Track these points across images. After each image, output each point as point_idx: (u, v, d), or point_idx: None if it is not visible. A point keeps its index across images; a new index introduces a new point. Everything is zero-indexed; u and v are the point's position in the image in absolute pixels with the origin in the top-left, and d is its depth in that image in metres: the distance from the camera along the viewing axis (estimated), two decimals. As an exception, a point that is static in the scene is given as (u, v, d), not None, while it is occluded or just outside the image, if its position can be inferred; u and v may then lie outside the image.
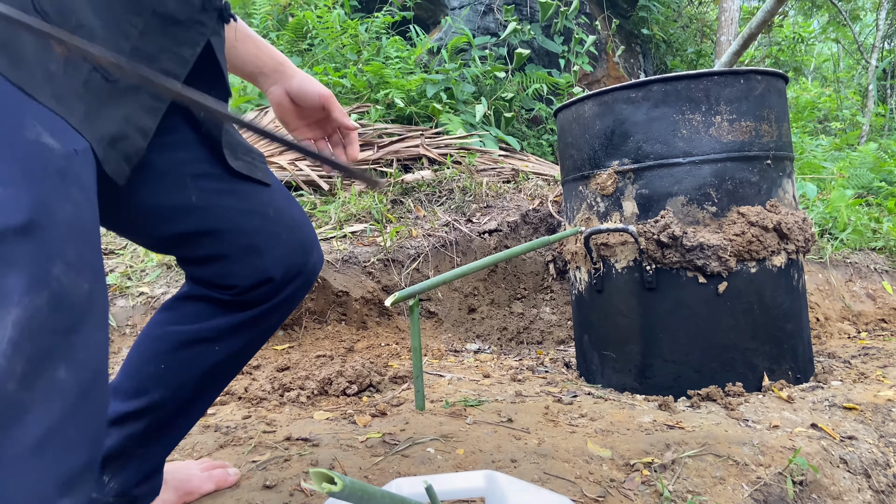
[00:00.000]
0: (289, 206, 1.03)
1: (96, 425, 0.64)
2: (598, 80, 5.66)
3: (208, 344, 1.00)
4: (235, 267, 0.97)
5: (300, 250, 1.03)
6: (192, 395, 1.02)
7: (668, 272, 1.84)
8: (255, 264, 0.98)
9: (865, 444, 1.56)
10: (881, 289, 2.96)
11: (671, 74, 1.82)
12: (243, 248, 0.96)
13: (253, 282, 0.98)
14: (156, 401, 0.99)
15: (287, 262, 1.00)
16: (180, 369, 1.00)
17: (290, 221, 1.02)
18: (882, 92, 9.89)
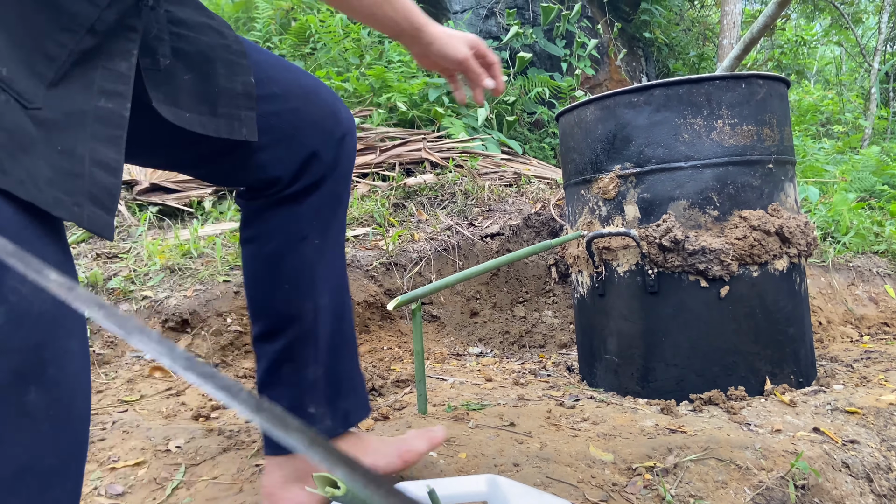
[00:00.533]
0: (294, 76, 0.99)
1: (79, 444, 0.59)
2: (600, 83, 5.67)
3: (303, 241, 1.02)
4: (270, 158, 0.95)
5: (327, 114, 1.00)
6: (328, 292, 1.06)
7: (671, 276, 1.84)
8: (289, 147, 0.96)
9: (867, 447, 1.56)
10: (884, 292, 2.96)
11: (673, 79, 1.82)
12: (270, 137, 0.94)
13: (296, 165, 0.97)
14: (306, 319, 1.03)
15: (320, 131, 0.99)
16: (300, 278, 1.02)
17: (302, 91, 0.98)
18: (885, 95, 9.89)
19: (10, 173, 0.56)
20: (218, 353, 2.12)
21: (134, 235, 2.71)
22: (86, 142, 0.65)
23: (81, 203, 0.63)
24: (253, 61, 0.92)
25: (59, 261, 0.60)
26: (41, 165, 0.59)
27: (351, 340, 1.14)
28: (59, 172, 0.61)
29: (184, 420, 1.66)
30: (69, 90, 0.64)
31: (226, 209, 3.01)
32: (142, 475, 1.34)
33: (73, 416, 0.58)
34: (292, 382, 1.06)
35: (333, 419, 1.10)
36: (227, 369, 2.07)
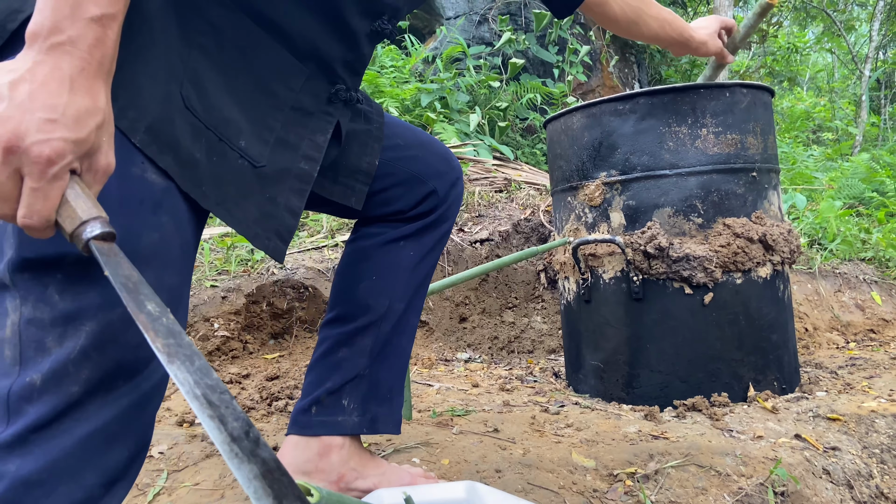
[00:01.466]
0: (412, 132, 1.20)
1: (145, 426, 0.73)
2: (592, 89, 5.69)
3: (401, 248, 1.17)
4: (393, 196, 1.15)
5: (441, 159, 1.20)
6: (403, 302, 1.18)
7: (655, 283, 1.86)
8: (410, 186, 1.15)
9: (849, 455, 1.57)
10: (870, 299, 2.98)
11: (658, 87, 1.84)
12: (394, 179, 1.14)
13: (415, 200, 1.16)
14: (378, 312, 1.16)
15: (436, 172, 1.18)
16: (387, 276, 1.16)
17: (419, 142, 1.19)
18: (875, 102, 9.95)
19: (235, 216, 0.81)
20: (205, 358, 2.12)
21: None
22: (284, 192, 0.88)
23: (271, 237, 0.86)
24: (385, 123, 1.14)
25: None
26: (252, 209, 0.83)
27: (404, 357, 1.23)
28: (263, 214, 0.85)
29: (168, 425, 1.66)
30: (283, 152, 0.88)
31: (216, 214, 3.01)
32: (124, 481, 1.34)
33: (148, 406, 0.74)
34: (342, 367, 1.16)
35: (361, 417, 1.18)
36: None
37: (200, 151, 0.77)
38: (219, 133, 0.80)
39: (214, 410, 0.45)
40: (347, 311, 1.18)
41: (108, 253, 0.57)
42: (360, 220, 1.21)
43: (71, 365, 0.64)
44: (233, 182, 0.81)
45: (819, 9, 9.85)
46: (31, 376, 0.63)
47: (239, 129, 0.82)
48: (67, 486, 0.64)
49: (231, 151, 0.81)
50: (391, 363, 1.20)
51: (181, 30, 0.77)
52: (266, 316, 2.34)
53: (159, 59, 0.73)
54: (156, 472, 1.38)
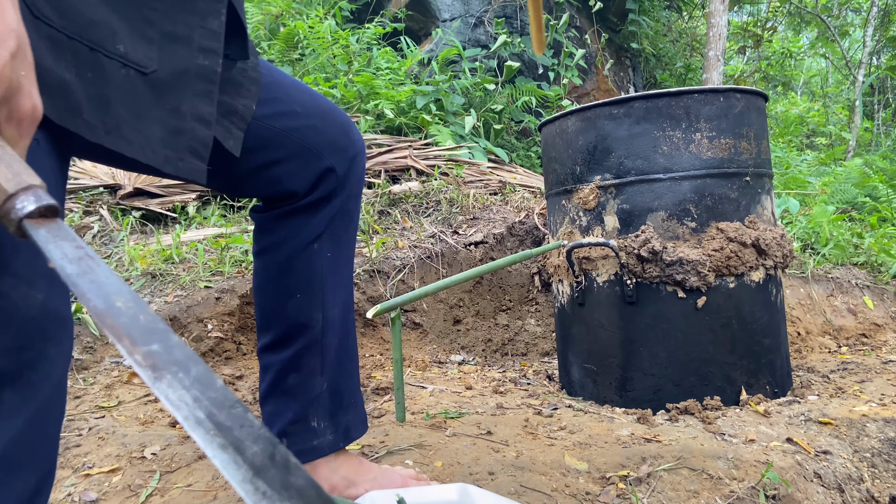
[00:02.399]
0: (311, 97, 1.05)
1: (48, 446, 0.61)
2: (587, 93, 5.70)
3: (316, 252, 1.05)
4: (288, 171, 1.00)
5: (341, 132, 1.06)
6: (337, 307, 1.09)
7: (649, 286, 1.86)
8: (307, 161, 1.01)
9: (840, 458, 1.58)
10: (862, 304, 2.99)
11: (652, 92, 1.85)
12: (289, 151, 0.99)
13: (311, 179, 1.02)
14: (316, 328, 1.07)
15: (336, 148, 1.04)
16: (312, 288, 1.06)
17: (319, 110, 1.04)
18: (868, 108, 10.00)
19: (134, 142, 0.68)
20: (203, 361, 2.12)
21: (116, 240, 2.70)
22: (188, 98, 0.74)
23: (184, 157, 0.74)
24: (276, 82, 1.00)
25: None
26: (155, 128, 0.70)
27: (354, 356, 1.17)
28: (169, 131, 0.72)
29: (161, 427, 1.66)
30: (175, 49, 0.73)
31: (209, 214, 3.01)
32: (116, 482, 1.34)
33: (47, 418, 0.60)
34: (298, 393, 1.08)
35: (335, 433, 1.13)
36: (207, 375, 2.06)
37: (69, 70, 0.62)
38: (87, 40, 0.64)
39: (226, 436, 0.33)
40: (284, 333, 1.07)
41: (50, 235, 0.43)
42: (257, 210, 1.07)
43: None
44: (121, 100, 0.66)
45: (813, 14, 9.90)
46: None
47: (112, 31, 0.66)
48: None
49: (109, 61, 0.65)
50: (345, 368, 1.14)
51: None
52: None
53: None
54: (148, 473, 1.38)
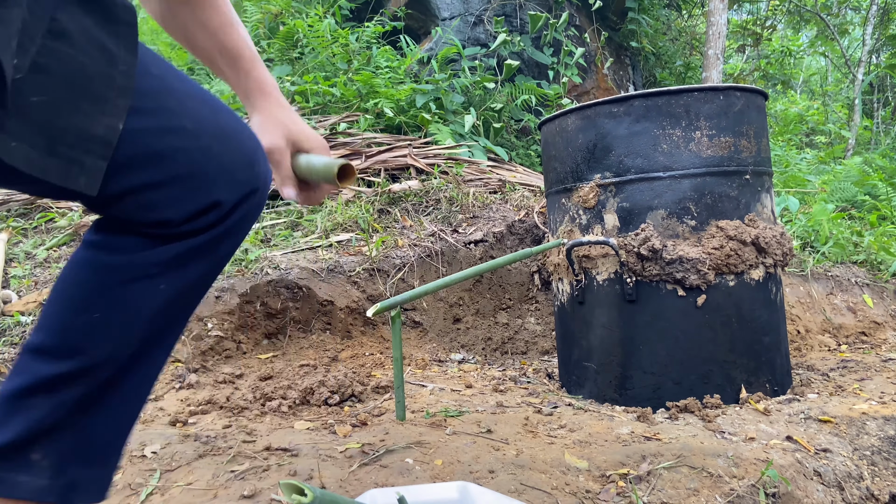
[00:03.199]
0: (213, 113, 0.84)
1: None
2: (587, 91, 5.70)
3: (150, 280, 0.82)
4: (165, 198, 0.79)
5: (242, 162, 0.84)
6: (137, 348, 0.84)
7: (648, 285, 1.86)
8: (189, 189, 0.80)
9: (840, 456, 1.58)
10: (862, 302, 2.99)
11: (652, 90, 1.85)
12: (169, 174, 0.79)
13: (192, 210, 0.81)
14: (94, 359, 0.81)
15: (230, 179, 0.83)
16: (120, 316, 0.82)
17: (219, 130, 0.83)
18: (868, 106, 10.00)
19: None
20: (198, 358, 2.12)
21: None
22: None
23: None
24: (167, 89, 0.80)
25: None
26: None
27: (133, 406, 0.89)
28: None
29: (160, 425, 1.66)
30: None
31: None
32: (116, 480, 1.34)
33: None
34: (32, 414, 0.81)
35: (52, 482, 0.82)
36: (208, 374, 2.07)
37: None
38: None
39: None
40: (53, 345, 0.82)
41: None
42: (106, 218, 0.83)
43: None
44: None
45: (813, 12, 9.89)
46: None
47: None
48: None
49: None
50: (111, 417, 0.86)
51: None
52: (260, 316, 2.34)
53: None
54: (148, 471, 1.38)
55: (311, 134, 1.01)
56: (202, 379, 2.02)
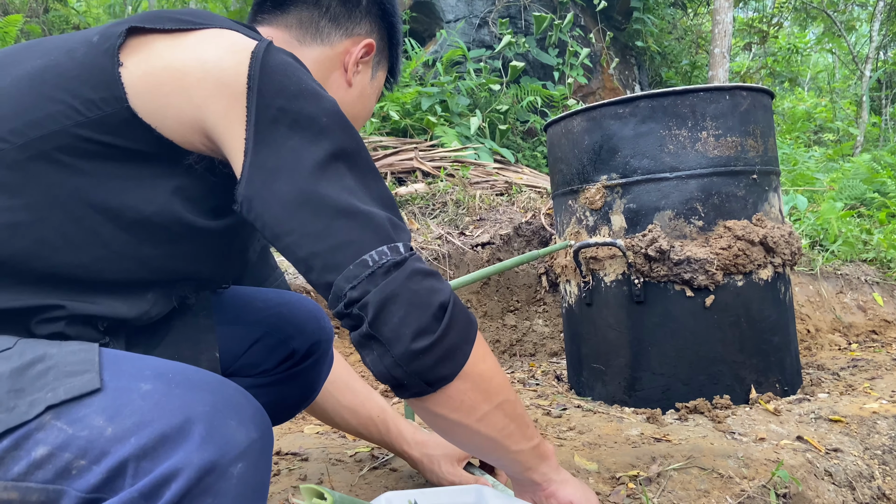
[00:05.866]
0: (277, 294, 1.09)
1: None
2: (593, 92, 5.70)
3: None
4: (256, 357, 1.04)
5: (310, 319, 1.07)
6: None
7: (656, 286, 1.86)
8: (272, 344, 1.04)
9: (850, 456, 1.57)
10: (872, 300, 2.98)
11: (658, 91, 1.85)
12: (254, 336, 1.04)
13: (277, 360, 1.04)
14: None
15: (303, 332, 1.05)
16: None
17: (285, 299, 1.07)
18: (876, 103, 9.95)
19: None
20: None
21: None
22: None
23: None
24: (231, 294, 1.04)
25: None
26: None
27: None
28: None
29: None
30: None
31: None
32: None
33: None
34: None
35: None
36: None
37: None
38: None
39: None
40: None
41: None
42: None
43: None
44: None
45: (819, 9, 9.85)
46: None
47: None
48: None
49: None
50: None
51: None
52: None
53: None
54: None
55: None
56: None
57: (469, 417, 0.76)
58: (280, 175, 0.68)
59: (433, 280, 0.70)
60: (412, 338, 0.67)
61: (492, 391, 0.77)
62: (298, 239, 0.68)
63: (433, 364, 0.69)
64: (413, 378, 0.69)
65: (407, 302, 0.67)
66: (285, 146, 0.69)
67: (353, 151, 0.72)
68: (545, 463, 0.87)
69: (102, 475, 0.60)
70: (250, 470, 0.64)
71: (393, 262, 0.68)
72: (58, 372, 0.64)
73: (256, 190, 0.68)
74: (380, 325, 0.67)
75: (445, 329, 0.68)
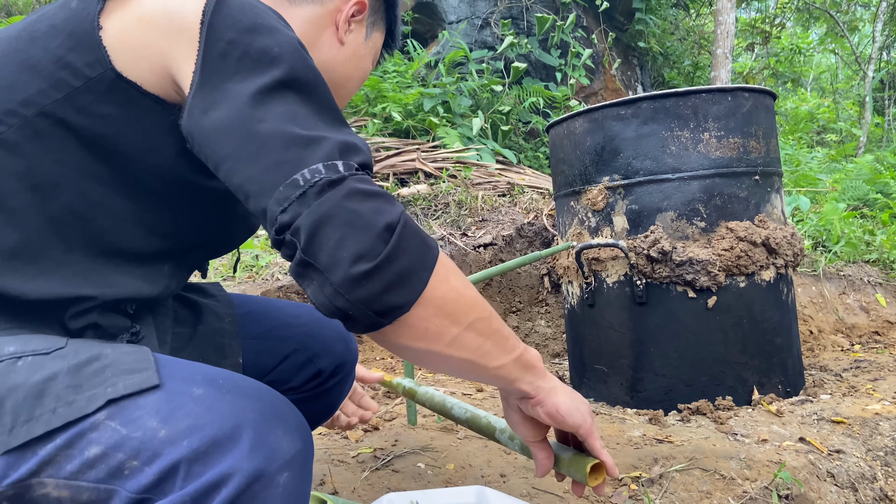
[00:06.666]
0: (307, 310, 1.11)
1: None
2: (595, 92, 5.70)
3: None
4: (284, 373, 1.06)
5: (337, 339, 1.10)
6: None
7: (659, 287, 1.86)
8: (299, 362, 1.06)
9: (853, 457, 1.57)
10: (875, 301, 2.97)
11: (659, 92, 1.85)
12: (283, 354, 1.06)
13: (305, 378, 1.07)
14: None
15: (327, 349, 1.08)
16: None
17: (315, 318, 1.10)
18: (879, 103, 9.93)
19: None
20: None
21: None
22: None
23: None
24: (258, 307, 1.09)
25: None
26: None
27: None
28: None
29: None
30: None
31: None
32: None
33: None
34: None
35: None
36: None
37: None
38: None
39: None
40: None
41: None
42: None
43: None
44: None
45: (822, 10, 9.84)
46: None
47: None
48: None
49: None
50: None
51: None
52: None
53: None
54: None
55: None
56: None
57: (437, 344, 0.69)
58: (221, 104, 0.65)
59: (379, 200, 0.62)
60: (351, 262, 0.60)
61: (460, 313, 0.70)
62: (234, 164, 0.64)
63: (380, 292, 0.61)
64: (359, 308, 0.62)
65: (344, 223, 0.61)
66: (232, 78, 0.66)
67: (307, 82, 0.68)
68: (530, 372, 0.81)
69: (154, 476, 0.60)
70: (295, 479, 0.63)
71: (328, 181, 0.61)
72: (115, 369, 0.65)
73: (196, 120, 0.66)
74: (315, 251, 0.61)
75: (392, 252, 0.61)
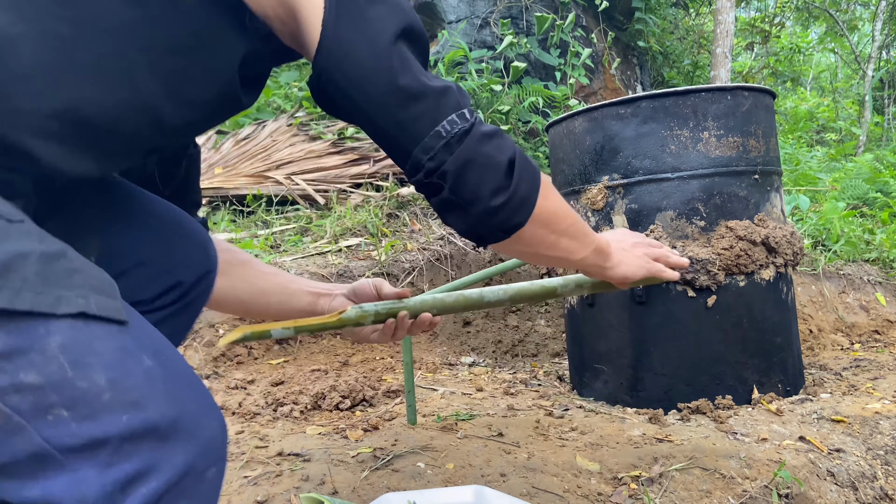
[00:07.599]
0: (166, 208, 0.97)
1: None
2: (594, 92, 5.69)
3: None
4: (136, 281, 0.89)
5: (198, 248, 0.98)
6: None
7: (658, 286, 1.86)
8: (156, 271, 0.91)
9: (853, 456, 1.57)
10: (874, 300, 2.97)
11: (659, 91, 1.85)
12: (137, 259, 0.90)
13: (158, 290, 0.92)
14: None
15: (188, 260, 0.96)
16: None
17: (176, 224, 0.97)
18: (878, 102, 9.93)
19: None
20: (210, 364, 2.14)
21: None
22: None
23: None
24: (138, 199, 0.93)
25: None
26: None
27: None
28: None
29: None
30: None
31: (219, 220, 3.03)
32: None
33: None
34: None
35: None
36: (219, 380, 2.08)
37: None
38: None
39: None
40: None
41: None
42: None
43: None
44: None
45: (821, 9, 9.84)
46: None
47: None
48: None
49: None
50: None
51: None
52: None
53: None
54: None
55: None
56: (214, 385, 2.04)
57: (541, 247, 0.90)
58: (359, 47, 0.72)
59: (498, 139, 0.78)
60: (490, 196, 0.77)
61: (558, 223, 0.89)
62: (377, 109, 0.74)
63: (510, 215, 0.80)
64: (494, 230, 0.81)
65: (481, 166, 0.76)
66: (364, 17, 0.73)
67: (422, 31, 0.78)
68: (603, 256, 1.05)
69: (78, 438, 0.54)
70: (219, 474, 0.63)
71: (463, 130, 0.75)
72: (84, 279, 0.59)
73: (337, 61, 0.73)
74: (459, 190, 0.77)
75: (517, 184, 0.78)
